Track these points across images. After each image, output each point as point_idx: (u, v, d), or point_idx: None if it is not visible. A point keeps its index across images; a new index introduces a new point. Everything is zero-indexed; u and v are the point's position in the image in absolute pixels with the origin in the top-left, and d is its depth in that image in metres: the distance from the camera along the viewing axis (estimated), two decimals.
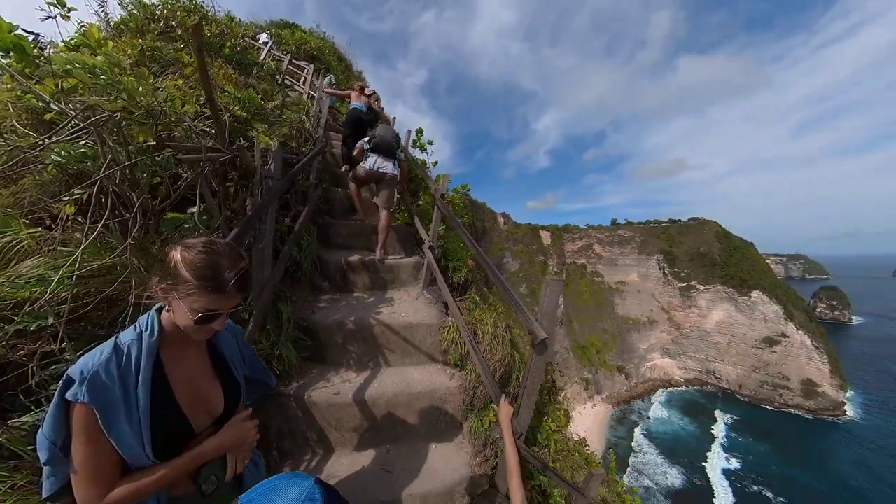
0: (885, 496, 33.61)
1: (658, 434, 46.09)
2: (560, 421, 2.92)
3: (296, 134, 3.77)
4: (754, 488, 35.57)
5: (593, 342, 61.79)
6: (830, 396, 50.91)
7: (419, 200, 4.52)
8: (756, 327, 58.32)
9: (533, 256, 59.14)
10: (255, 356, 1.30)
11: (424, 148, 5.32)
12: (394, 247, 3.99)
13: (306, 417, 2.09)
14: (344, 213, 4.25)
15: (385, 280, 3.41)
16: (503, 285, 2.04)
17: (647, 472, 39.05)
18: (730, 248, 66.37)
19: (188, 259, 0.82)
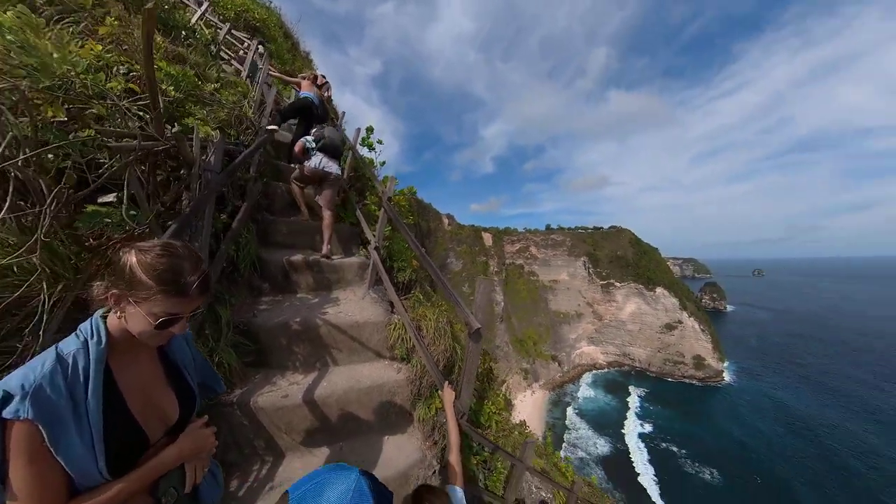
0: (755, 438, 43.23)
1: (587, 411, 52.71)
2: (499, 404, 3.22)
3: (235, 121, 3.42)
4: (663, 445, 43.14)
5: (530, 335, 66.36)
6: (713, 367, 63.63)
7: (365, 200, 4.50)
8: (659, 316, 69.85)
9: (475, 257, 61.44)
10: (206, 362, 1.27)
11: (373, 147, 5.23)
12: (339, 247, 3.95)
13: (253, 425, 2.02)
14: (285, 210, 4.03)
15: (330, 280, 3.38)
16: (443, 283, 2.24)
17: (581, 444, 44.48)
18: (640, 252, 77.18)
19: (146, 262, 0.79)
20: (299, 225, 3.80)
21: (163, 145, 1.82)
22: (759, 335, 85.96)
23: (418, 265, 3.84)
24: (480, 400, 3.04)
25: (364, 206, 4.37)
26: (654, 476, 37.87)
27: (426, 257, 2.58)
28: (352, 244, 4.10)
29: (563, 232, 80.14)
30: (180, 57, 3.30)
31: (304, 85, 4.67)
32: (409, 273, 3.73)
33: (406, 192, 5.02)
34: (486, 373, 3.34)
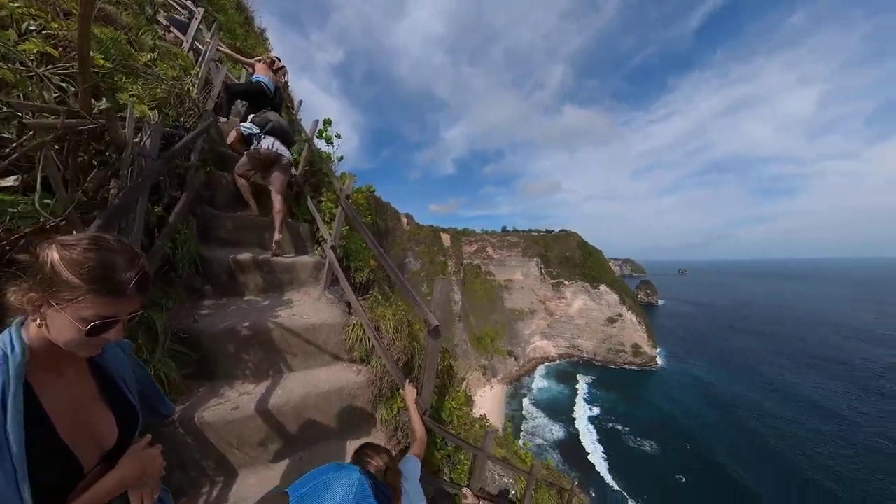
0: (683, 411, 50.61)
1: (542, 401, 56.85)
2: (460, 399, 3.29)
3: (175, 99, 3.02)
4: (609, 426, 48.57)
5: (487, 332, 68.31)
6: (648, 353, 72.13)
7: (321, 197, 4.31)
8: (603, 311, 76.39)
9: (434, 257, 61.68)
10: (150, 377, 1.12)
11: (331, 141, 4.93)
12: (292, 245, 3.75)
13: (199, 443, 1.83)
14: (230, 204, 3.69)
15: (282, 281, 3.19)
16: (402, 282, 2.24)
17: (538, 432, 47.98)
18: (586, 254, 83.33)
19: (71, 259, 0.68)
20: (247, 220, 3.51)
21: (90, 124, 1.57)
22: (684, 325, 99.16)
23: (376, 265, 3.78)
24: (441, 396, 3.08)
25: (320, 203, 4.18)
26: (603, 454, 42.39)
27: (385, 258, 2.56)
28: (306, 243, 3.91)
29: (518, 234, 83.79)
30: (108, 17, 2.86)
31: (259, 68, 4.26)
32: (366, 273, 3.65)
33: (364, 190, 4.90)
34: (446, 369, 3.39)
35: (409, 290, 2.17)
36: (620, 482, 37.41)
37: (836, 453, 39.35)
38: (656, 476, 37.90)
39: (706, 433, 44.93)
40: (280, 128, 3.65)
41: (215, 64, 4.98)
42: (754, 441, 42.74)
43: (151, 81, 2.71)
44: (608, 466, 40.03)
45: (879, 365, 63.96)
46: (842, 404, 49.87)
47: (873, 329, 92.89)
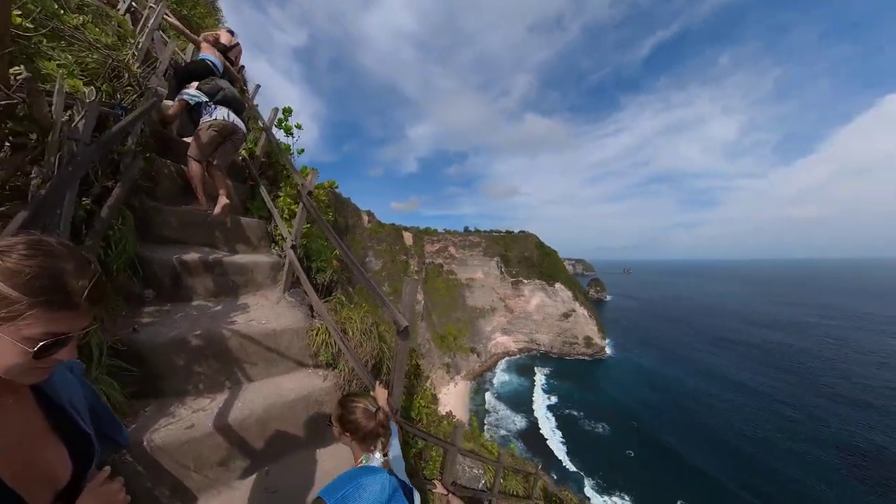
0: (629, 395, 56.62)
1: (504, 394, 59.59)
2: (428, 398, 3.30)
3: (110, 72, 2.57)
4: (566, 412, 52.77)
5: (450, 331, 69.04)
6: (599, 344, 78.59)
7: (279, 192, 4.05)
8: (558, 307, 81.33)
9: (396, 256, 60.82)
10: (103, 403, 0.97)
11: (291, 131, 4.63)
12: (246, 244, 3.50)
13: (151, 470, 1.64)
14: (174, 196, 3.29)
15: (236, 283, 2.96)
16: (369, 283, 2.20)
17: (502, 424, 50.29)
18: (543, 254, 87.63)
19: (6, 268, 0.57)
20: (195, 216, 3.17)
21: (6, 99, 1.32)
22: (628, 318, 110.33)
23: (339, 265, 3.65)
24: (410, 396, 3.07)
25: (277, 199, 3.93)
26: (561, 439, 46.00)
27: (350, 256, 2.48)
28: (262, 241, 3.67)
29: (480, 234, 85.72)
30: None
31: (205, 47, 3.80)
32: (329, 274, 3.51)
33: (327, 186, 4.69)
34: (413, 369, 3.38)
35: (378, 292, 2.13)
36: (578, 463, 40.78)
37: (745, 418, 47.68)
38: (609, 454, 42.13)
39: (648, 411, 51.67)
40: (233, 96, 3.31)
41: (162, 37, 4.43)
42: (685, 414, 50.12)
43: (82, 48, 2.31)
44: (566, 450, 43.35)
45: (776, 345, 78.94)
46: (749, 378, 60.59)
47: (773, 317, 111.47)
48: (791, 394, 53.81)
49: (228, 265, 2.92)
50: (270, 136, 4.26)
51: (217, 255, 2.97)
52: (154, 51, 3.92)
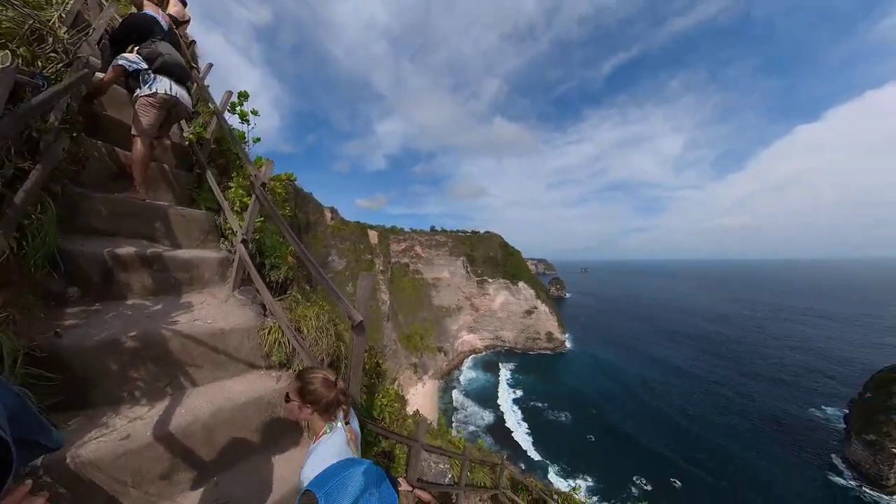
0: (588, 384, 61.47)
1: (471, 391, 61.60)
2: (390, 397, 3.27)
3: (28, 35, 2.23)
4: (531, 404, 55.88)
5: (417, 330, 68.79)
6: (559, 339, 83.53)
7: (230, 183, 3.80)
8: (521, 304, 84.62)
9: (360, 255, 59.32)
10: (24, 403, 0.84)
11: (246, 117, 4.24)
12: (191, 237, 3.25)
13: (81, 488, 1.46)
14: (104, 182, 2.92)
15: (179, 280, 2.75)
16: (323, 278, 2.15)
17: (471, 420, 51.82)
18: (507, 254, 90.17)
19: None
20: (131, 205, 2.84)
21: None
22: (586, 314, 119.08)
23: (295, 262, 3.51)
24: (371, 394, 3.03)
25: (228, 190, 3.69)
26: (527, 430, 48.50)
27: (306, 253, 2.41)
28: (210, 236, 3.43)
29: (446, 234, 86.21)
30: None
31: (147, 5, 3.26)
32: (284, 271, 3.36)
33: (284, 178, 4.47)
34: (374, 367, 3.34)
35: (332, 287, 2.10)
36: (543, 452, 43.30)
37: (687, 399, 54.74)
38: (571, 440, 45.65)
39: (605, 399, 56.80)
40: (176, 62, 2.95)
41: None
42: (637, 399, 56.07)
43: None
44: (532, 441, 45.85)
45: (712, 334, 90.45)
46: (691, 365, 69.11)
47: (710, 311, 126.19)
48: (723, 376, 62.67)
49: (170, 260, 2.70)
50: (222, 120, 3.95)
51: (157, 249, 2.73)
52: (87, 14, 3.48)
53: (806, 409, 50.37)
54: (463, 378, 67.22)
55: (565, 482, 36.43)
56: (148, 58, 2.87)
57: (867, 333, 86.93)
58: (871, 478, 36.46)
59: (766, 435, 44.27)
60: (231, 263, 3.05)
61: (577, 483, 36.45)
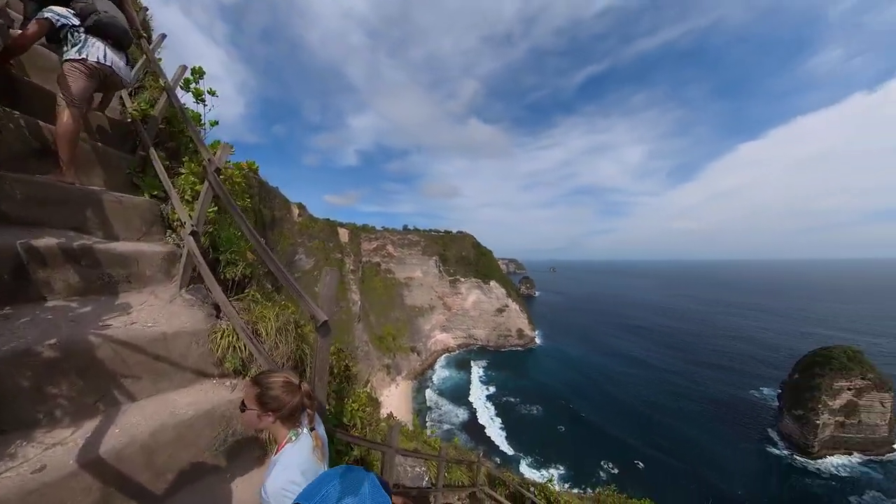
0: (557, 378, 64.75)
1: (445, 389, 62.39)
2: (362, 401, 3.06)
3: None
4: (504, 400, 57.60)
5: (389, 331, 67.75)
6: (529, 335, 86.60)
7: (180, 168, 3.40)
8: (493, 303, 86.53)
9: (330, 254, 57.30)
10: None
11: (202, 97, 3.69)
12: (133, 230, 2.85)
13: None
14: (21, 161, 2.46)
15: (114, 278, 2.38)
16: (283, 273, 1.94)
17: (445, 419, 52.15)
18: (480, 254, 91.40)
19: None
20: (55, 189, 2.41)
21: None
22: (554, 311, 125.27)
23: (255, 258, 3.19)
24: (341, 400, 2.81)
25: (178, 177, 3.29)
26: (501, 425, 49.96)
27: (264, 246, 2.16)
28: (154, 227, 3.04)
29: (419, 233, 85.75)
30: None
31: None
32: (241, 268, 3.02)
33: (244, 166, 4.08)
34: (342, 371, 3.11)
35: (293, 283, 1.89)
36: (517, 446, 44.91)
37: (646, 388, 59.72)
38: (543, 432, 47.87)
39: (573, 391, 60.26)
40: (113, 22, 2.53)
41: None
42: (602, 390, 60.53)
43: None
44: (505, 435, 47.45)
45: (666, 328, 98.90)
46: (648, 356, 75.31)
47: (666, 306, 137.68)
48: (677, 365, 69.34)
49: (103, 254, 2.32)
50: (173, 97, 3.50)
51: (86, 241, 2.33)
52: None
53: (747, 390, 57.10)
54: (436, 377, 67.70)
55: (538, 473, 37.80)
56: (81, 13, 2.45)
57: (796, 325, 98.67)
58: (799, 447, 41.85)
59: (713, 415, 50.17)
60: (178, 258, 2.71)
61: (550, 473, 38.11)
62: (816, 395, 41.74)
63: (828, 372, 42.19)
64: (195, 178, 3.25)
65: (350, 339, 54.12)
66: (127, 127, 3.58)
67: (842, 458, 40.31)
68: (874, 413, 41.03)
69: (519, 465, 40.49)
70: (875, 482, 36.95)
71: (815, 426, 41.23)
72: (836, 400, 41.20)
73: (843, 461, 39.98)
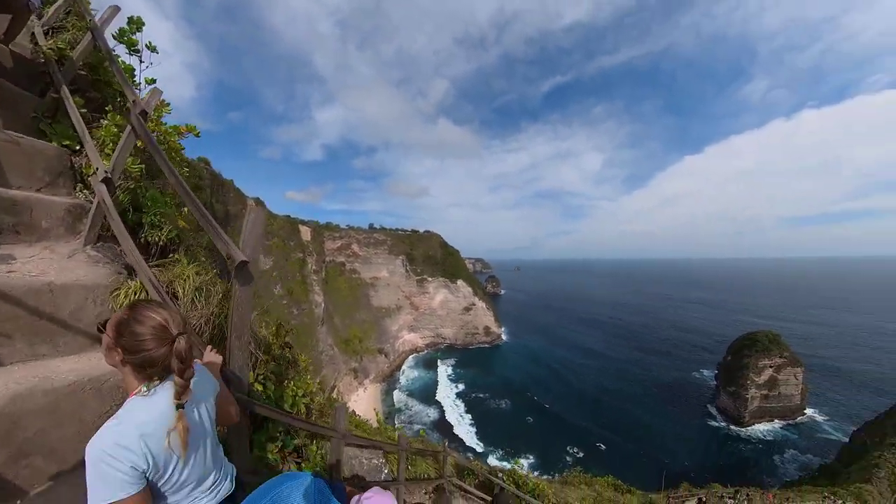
0: (523, 372, 67.57)
1: (414, 390, 62.18)
2: (308, 387, 2.72)
3: None
4: (473, 396, 58.95)
5: (355, 333, 65.59)
6: (496, 332, 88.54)
7: (103, 118, 2.87)
8: (460, 302, 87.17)
9: (290, 253, 54.25)
10: None
11: (136, 47, 3.16)
12: (33, 178, 2.33)
13: None
14: None
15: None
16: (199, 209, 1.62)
17: (416, 419, 51.76)
18: (447, 253, 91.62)
19: None
20: None
21: None
22: (519, 308, 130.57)
23: (187, 227, 2.70)
24: (281, 383, 2.47)
25: (99, 128, 2.76)
26: (470, 421, 51.03)
27: (185, 187, 1.82)
28: (61, 179, 2.52)
29: (386, 232, 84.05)
30: None
31: None
32: (167, 233, 2.53)
33: (184, 130, 3.52)
34: (281, 349, 2.75)
35: (210, 220, 1.60)
36: (486, 440, 46.04)
37: (603, 377, 64.40)
38: (512, 424, 49.93)
39: (538, 383, 63.27)
40: None
41: None
42: (563, 380, 64.46)
43: None
44: (475, 431, 48.58)
45: (620, 321, 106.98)
46: (604, 348, 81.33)
47: (621, 301, 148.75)
48: (629, 354, 75.63)
49: None
50: (100, 40, 2.92)
51: None
52: None
53: (689, 373, 64.53)
54: (405, 378, 67.24)
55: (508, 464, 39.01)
56: None
57: (728, 314, 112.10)
58: (734, 418, 48.91)
59: (663, 397, 56.47)
60: (85, 212, 2.25)
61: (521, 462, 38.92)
62: (745, 373, 48.23)
63: (754, 353, 48.93)
64: (117, 130, 2.73)
65: (313, 342, 51.61)
66: (38, 68, 2.99)
67: (766, 425, 47.37)
68: (790, 385, 48.51)
69: (489, 458, 41.61)
70: (792, 442, 44.01)
71: (745, 400, 47.78)
72: (760, 376, 47.97)
73: (767, 428, 46.97)
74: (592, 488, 13.66)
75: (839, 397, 53.20)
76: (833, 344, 76.89)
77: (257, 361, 2.37)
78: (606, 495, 13.41)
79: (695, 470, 38.08)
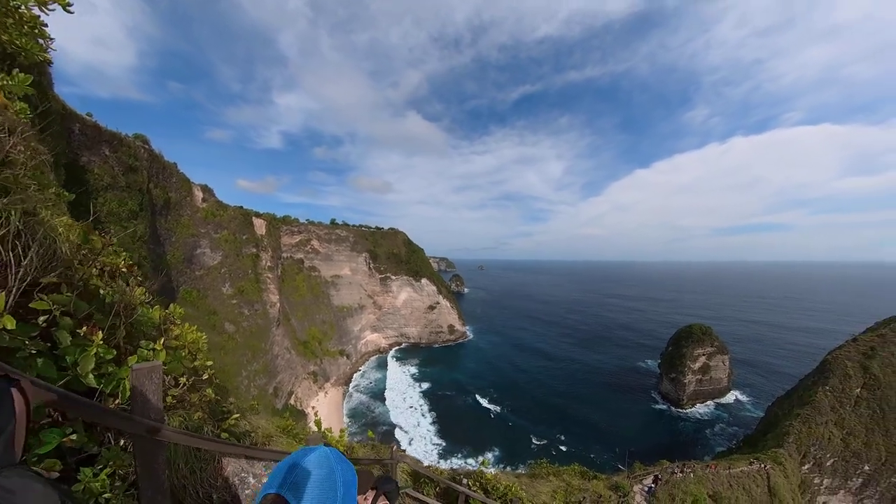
0: (488, 366, 71.28)
1: (377, 391, 61.72)
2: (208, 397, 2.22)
3: None
4: (439, 393, 60.35)
5: (314, 335, 62.45)
6: (461, 330, 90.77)
7: None
8: (425, 300, 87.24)
9: (241, 247, 50.13)
10: None
11: None
12: None
13: None
14: None
15: None
16: None
17: (381, 420, 51.82)
18: (411, 251, 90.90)
19: None
20: None
21: None
22: (482, 306, 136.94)
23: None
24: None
25: None
26: (434, 419, 52.00)
27: None
28: None
29: (348, 228, 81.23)
30: None
31: None
32: None
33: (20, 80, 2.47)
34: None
35: None
36: (451, 438, 47.03)
37: (556, 375, 68.76)
38: (477, 419, 52.44)
39: (500, 378, 66.73)
40: None
41: None
42: (524, 374, 68.48)
43: None
44: (438, 429, 49.54)
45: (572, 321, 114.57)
46: (558, 343, 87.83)
47: (575, 300, 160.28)
48: (580, 353, 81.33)
49: None
50: None
51: None
52: None
53: (635, 363, 72.69)
54: (368, 379, 66.28)
55: (475, 460, 39.97)
56: None
57: (669, 311, 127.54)
58: (674, 401, 57.50)
59: (611, 387, 63.36)
60: None
61: (487, 457, 40.10)
62: (683, 361, 56.15)
63: (690, 343, 56.70)
64: None
65: (267, 347, 48.15)
66: None
67: (701, 406, 56.58)
68: (719, 370, 57.53)
69: (454, 457, 42.05)
70: (721, 418, 53.24)
71: (684, 384, 55.89)
72: (695, 363, 56.02)
73: (702, 408, 56.07)
74: (560, 478, 13.97)
75: (759, 380, 63.02)
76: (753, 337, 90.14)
77: None
78: (575, 484, 13.81)
79: (645, 449, 42.24)
